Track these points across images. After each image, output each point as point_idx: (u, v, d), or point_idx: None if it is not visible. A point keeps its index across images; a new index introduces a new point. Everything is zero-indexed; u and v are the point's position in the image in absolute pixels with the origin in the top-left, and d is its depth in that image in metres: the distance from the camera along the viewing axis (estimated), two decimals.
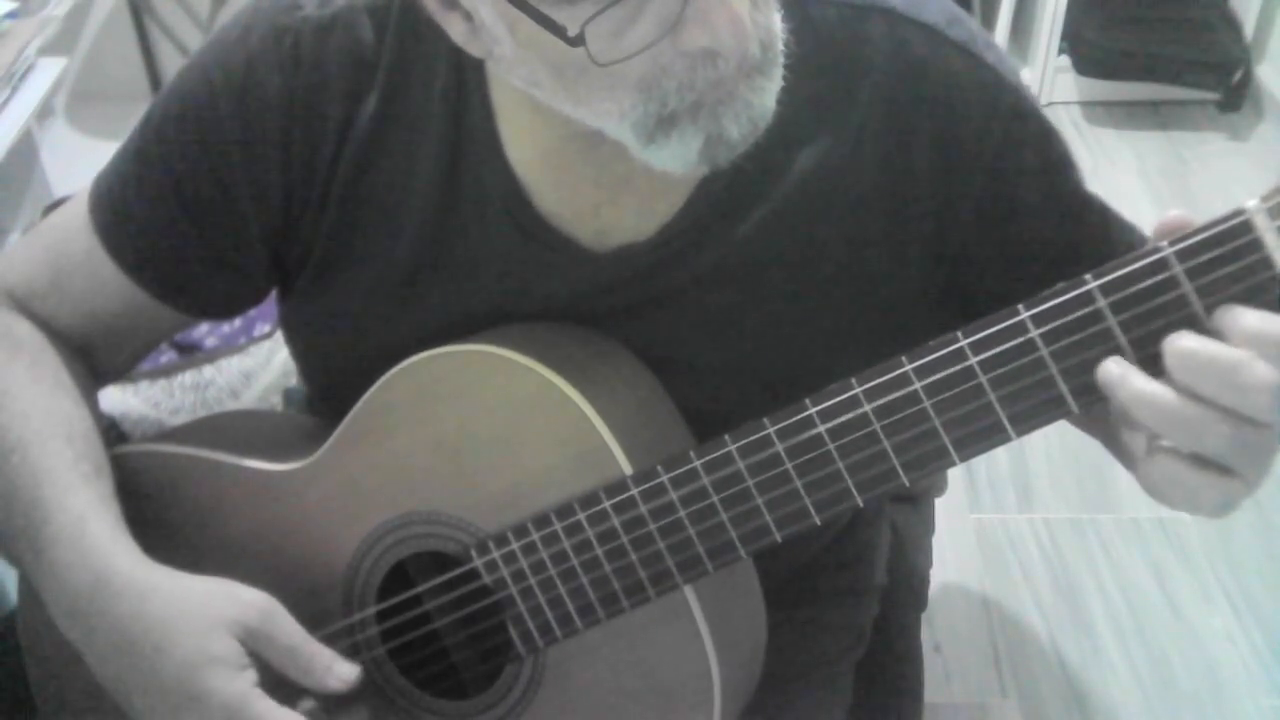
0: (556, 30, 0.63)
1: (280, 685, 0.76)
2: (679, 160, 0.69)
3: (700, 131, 0.67)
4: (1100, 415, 0.67)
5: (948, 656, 1.73)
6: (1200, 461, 0.59)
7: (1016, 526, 1.93)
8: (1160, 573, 1.84)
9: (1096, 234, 0.67)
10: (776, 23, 0.68)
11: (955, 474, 1.94)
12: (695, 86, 0.66)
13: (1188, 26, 2.83)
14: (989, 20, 2.85)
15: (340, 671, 0.77)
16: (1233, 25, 2.86)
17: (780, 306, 0.81)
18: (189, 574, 0.78)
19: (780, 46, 0.68)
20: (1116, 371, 0.60)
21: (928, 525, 1.27)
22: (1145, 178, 2.71)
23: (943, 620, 1.78)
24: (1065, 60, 2.90)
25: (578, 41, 0.63)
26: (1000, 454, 2.04)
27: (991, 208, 0.78)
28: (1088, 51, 2.84)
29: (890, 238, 0.79)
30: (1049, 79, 2.92)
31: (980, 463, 2.03)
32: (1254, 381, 0.56)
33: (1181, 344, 0.57)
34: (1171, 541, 1.88)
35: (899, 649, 1.16)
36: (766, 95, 0.68)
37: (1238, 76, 2.80)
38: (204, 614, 0.75)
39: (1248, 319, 0.57)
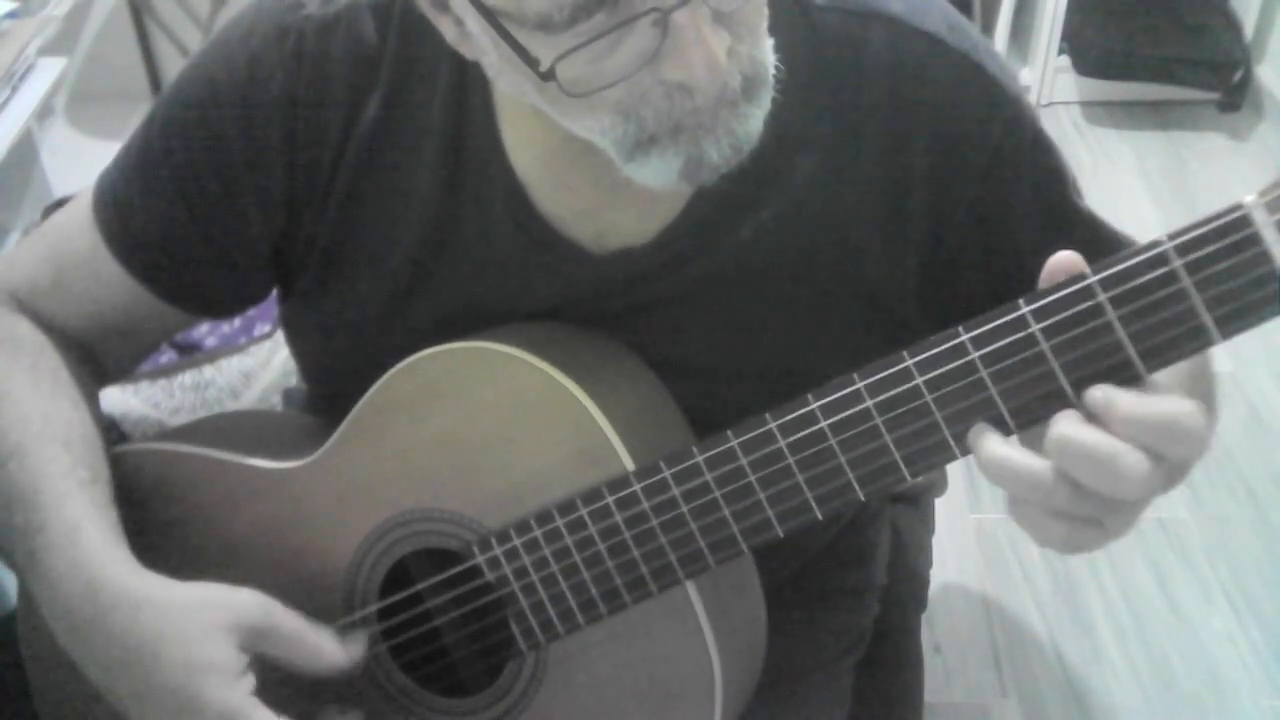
0: (530, 62, 0.63)
1: (274, 688, 0.77)
2: (659, 178, 0.69)
3: (680, 153, 0.67)
4: None
5: (948, 656, 1.73)
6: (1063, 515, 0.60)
7: (1016, 526, 1.92)
8: (1160, 573, 1.84)
9: (1084, 248, 0.68)
10: (765, 52, 0.67)
11: (955, 474, 1.94)
12: (673, 115, 0.66)
13: (1188, 26, 2.83)
14: (989, 21, 2.85)
15: (350, 648, 0.78)
16: (1233, 25, 2.86)
17: (780, 310, 0.81)
18: (182, 582, 0.77)
19: (770, 74, 0.68)
20: (986, 448, 0.62)
21: (928, 525, 1.27)
22: (1145, 178, 2.71)
23: (943, 620, 1.78)
24: (1065, 60, 2.90)
25: (548, 76, 0.63)
26: None
27: (984, 214, 0.79)
28: (1088, 51, 2.84)
29: (889, 242, 0.79)
30: (1049, 79, 2.92)
31: None
32: (1126, 473, 0.57)
33: (1058, 430, 0.58)
34: (1171, 541, 1.88)
35: (899, 649, 1.16)
36: (750, 121, 0.67)
37: (1238, 76, 2.80)
38: (199, 622, 0.75)
39: (1122, 402, 0.58)
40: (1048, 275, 0.61)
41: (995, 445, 0.61)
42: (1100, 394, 0.59)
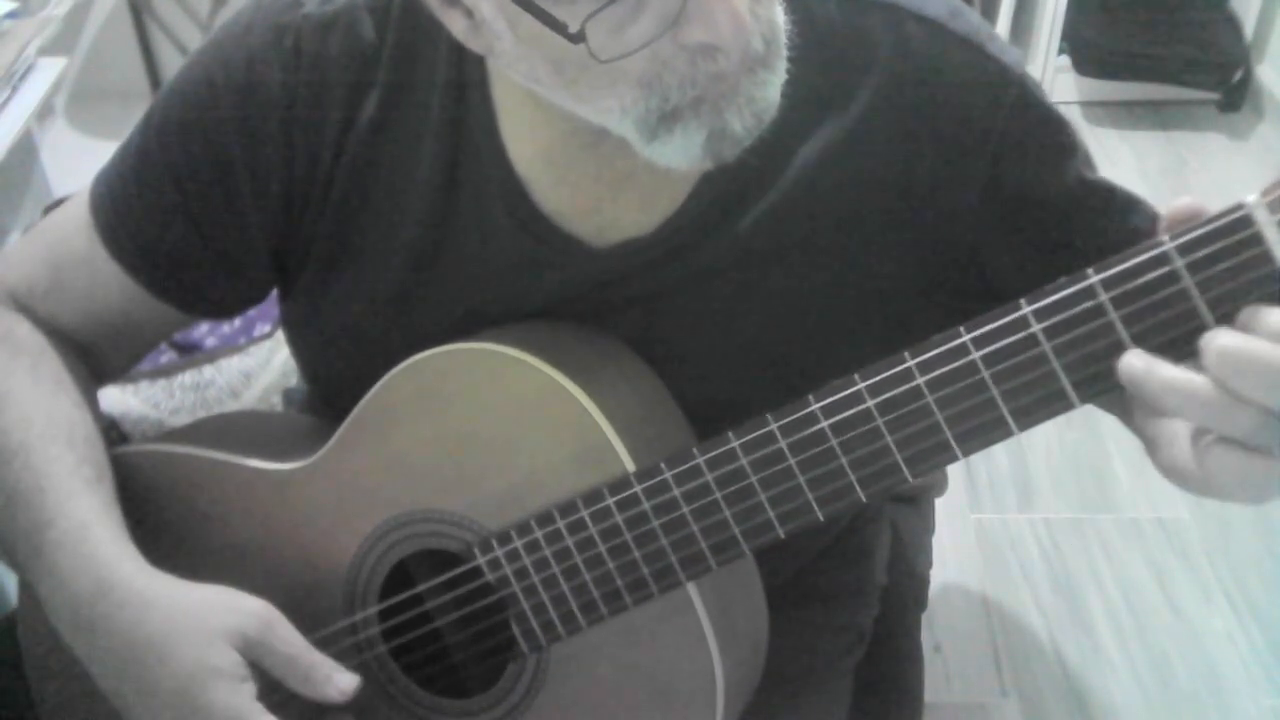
0: (557, 27, 0.63)
1: (278, 691, 0.76)
2: (683, 156, 0.69)
3: (703, 126, 0.67)
4: (1115, 402, 0.67)
5: (948, 656, 1.73)
6: (1244, 447, 0.57)
7: (1016, 526, 1.93)
8: (1160, 573, 1.84)
9: (1100, 221, 0.67)
10: (779, 15, 0.68)
11: (955, 474, 1.94)
12: (697, 81, 0.66)
13: (1188, 26, 2.83)
14: (989, 20, 2.85)
15: (340, 682, 0.77)
16: (1233, 25, 2.86)
17: (783, 301, 0.81)
18: (190, 582, 0.77)
19: (784, 39, 0.68)
20: (1140, 365, 0.58)
21: (928, 525, 1.27)
22: (1145, 178, 2.71)
23: (943, 620, 1.78)
24: (1065, 60, 2.90)
25: (578, 38, 0.62)
26: (1000, 454, 2.04)
27: (996, 199, 0.78)
28: (1088, 51, 2.84)
29: (893, 233, 0.79)
30: (1049, 79, 2.92)
31: (980, 462, 2.04)
32: None
33: (1220, 342, 0.56)
34: (1171, 541, 1.88)
35: (899, 649, 1.16)
36: (770, 88, 0.68)
37: (1238, 76, 2.81)
38: (204, 624, 0.75)
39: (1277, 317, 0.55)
40: (1168, 223, 0.58)
41: (1163, 369, 0.58)
42: (1247, 313, 0.56)
